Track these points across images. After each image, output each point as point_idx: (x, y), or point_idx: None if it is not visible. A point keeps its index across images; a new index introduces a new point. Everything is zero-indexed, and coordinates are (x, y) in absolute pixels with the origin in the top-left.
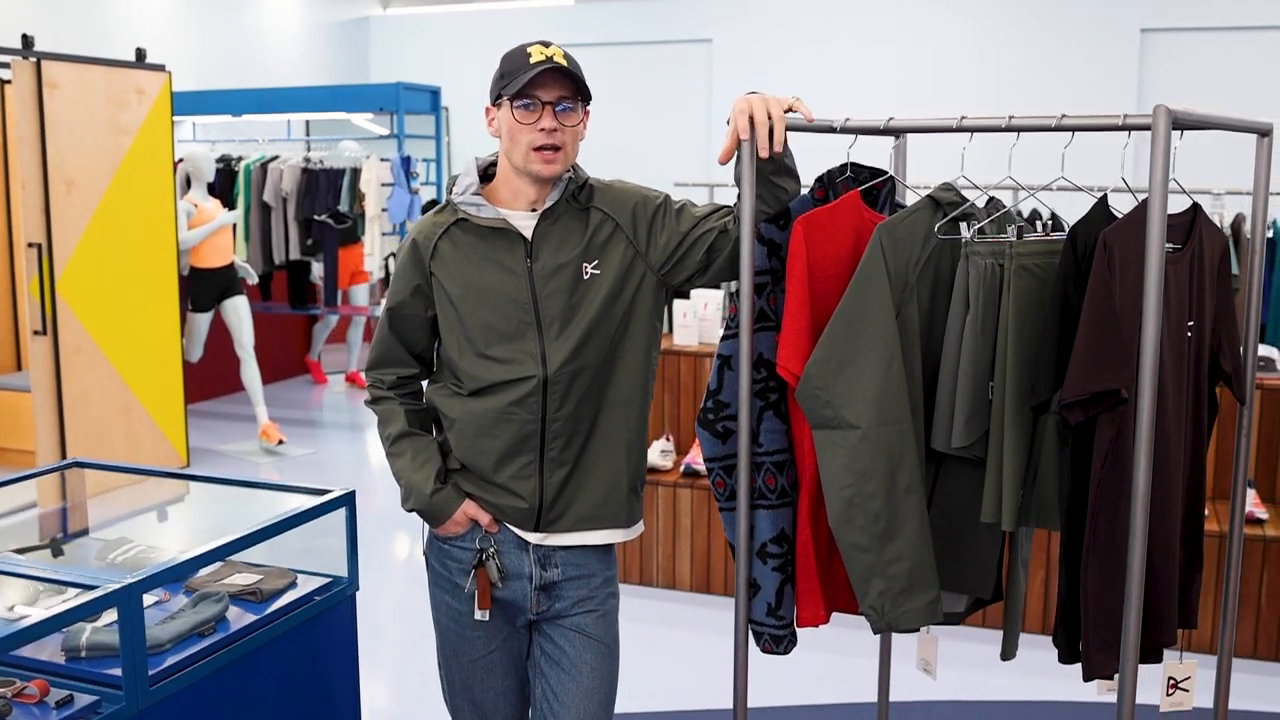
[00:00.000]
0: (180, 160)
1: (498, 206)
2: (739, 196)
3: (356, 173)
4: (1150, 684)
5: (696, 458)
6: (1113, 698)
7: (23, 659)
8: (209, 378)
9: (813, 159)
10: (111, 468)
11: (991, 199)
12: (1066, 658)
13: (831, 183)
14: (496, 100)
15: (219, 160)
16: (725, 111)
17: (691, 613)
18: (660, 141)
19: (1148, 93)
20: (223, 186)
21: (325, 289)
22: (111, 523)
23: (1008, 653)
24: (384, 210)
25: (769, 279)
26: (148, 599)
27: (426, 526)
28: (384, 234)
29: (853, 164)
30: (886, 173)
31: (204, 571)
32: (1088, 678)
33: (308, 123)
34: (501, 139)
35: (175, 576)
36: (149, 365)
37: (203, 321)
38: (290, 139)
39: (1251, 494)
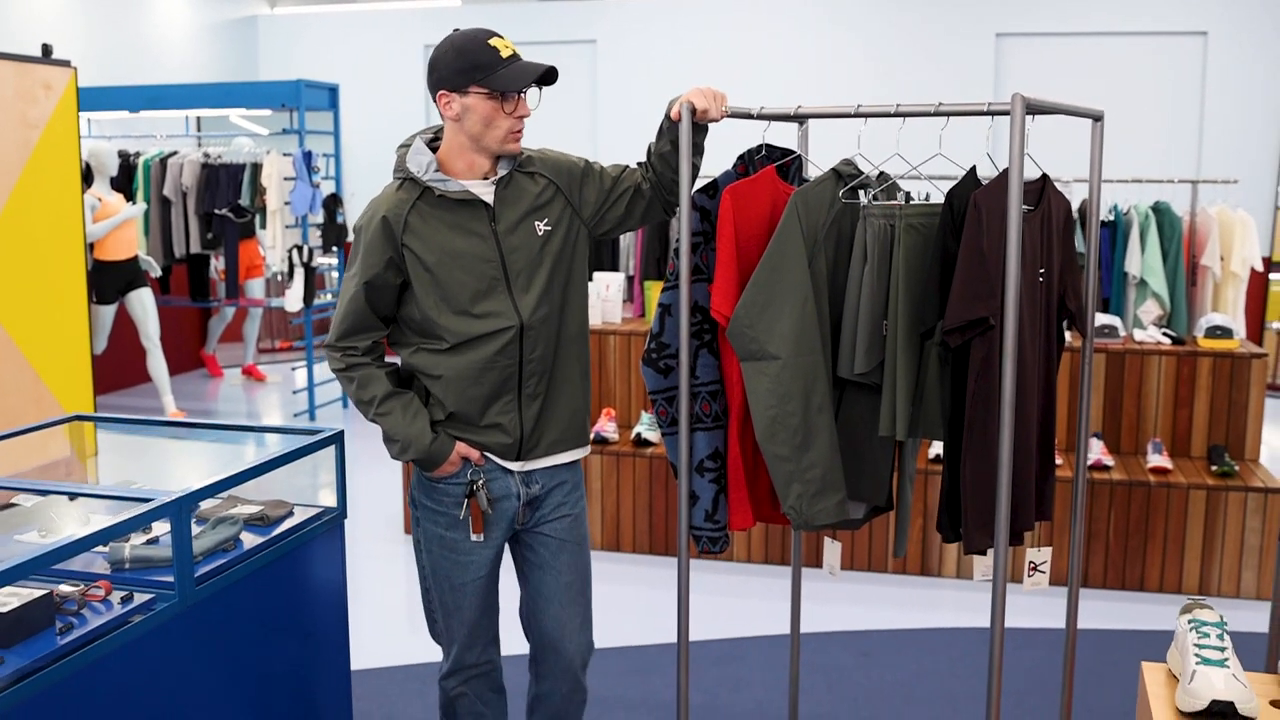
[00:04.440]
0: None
1: (456, 179)
2: (675, 168)
3: (257, 168)
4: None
5: (604, 426)
6: (988, 584)
7: (75, 572)
8: (114, 370)
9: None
10: (114, 420)
11: (881, 173)
12: (950, 538)
13: (750, 160)
14: (464, 88)
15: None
16: (610, 110)
17: (600, 568)
18: (546, 141)
19: (1003, 87)
20: (121, 182)
21: (226, 282)
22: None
23: (899, 550)
24: (287, 204)
25: (701, 239)
26: (161, 527)
27: (415, 471)
28: (287, 227)
29: (766, 145)
30: (795, 152)
31: (210, 503)
32: (968, 551)
33: (199, 119)
34: (467, 121)
35: (216, 492)
36: (60, 358)
37: (107, 314)
38: (187, 135)
39: (1099, 444)
